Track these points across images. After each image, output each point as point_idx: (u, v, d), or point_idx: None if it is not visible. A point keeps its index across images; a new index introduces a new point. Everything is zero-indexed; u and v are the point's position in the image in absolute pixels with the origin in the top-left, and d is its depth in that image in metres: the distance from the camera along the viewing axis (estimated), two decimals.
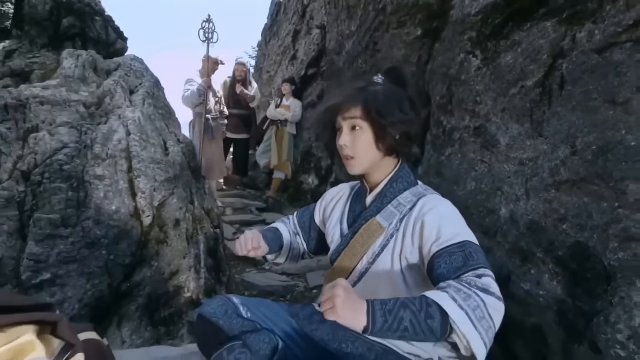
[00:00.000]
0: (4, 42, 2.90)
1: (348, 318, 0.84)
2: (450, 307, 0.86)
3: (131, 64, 3.39)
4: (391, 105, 1.15)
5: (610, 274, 1.54)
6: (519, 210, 2.00)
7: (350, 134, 1.20)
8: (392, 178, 1.24)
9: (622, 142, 1.54)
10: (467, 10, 2.33)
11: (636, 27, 1.53)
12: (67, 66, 2.95)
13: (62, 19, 3.23)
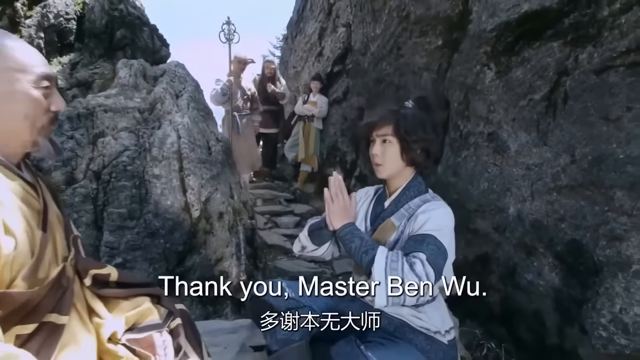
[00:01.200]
0: (70, 55, 3.29)
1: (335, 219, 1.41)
2: (379, 257, 1.26)
3: (175, 70, 3.75)
4: (416, 127, 1.44)
5: (598, 268, 1.79)
6: (525, 209, 2.26)
7: (381, 146, 1.49)
8: (406, 186, 1.53)
9: (613, 154, 1.78)
10: (483, 26, 2.56)
11: (628, 53, 1.75)
12: (122, 75, 3.33)
13: (115, 31, 3.60)
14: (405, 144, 1.45)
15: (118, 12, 3.65)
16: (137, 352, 1.08)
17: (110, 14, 3.60)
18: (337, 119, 5.83)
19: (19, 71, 0.88)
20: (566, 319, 1.94)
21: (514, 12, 2.34)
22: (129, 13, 3.74)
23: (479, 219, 2.64)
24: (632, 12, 1.74)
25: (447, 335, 1.44)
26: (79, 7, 3.42)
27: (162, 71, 3.69)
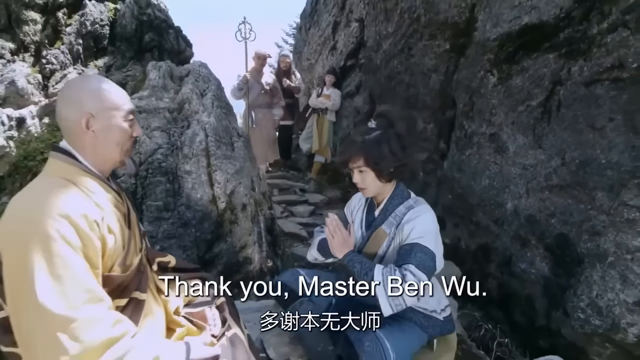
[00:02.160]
0: (104, 59, 3.57)
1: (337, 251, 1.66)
2: (377, 274, 1.53)
3: (199, 70, 4.01)
4: (383, 153, 1.66)
5: (581, 259, 2.04)
6: (521, 205, 2.50)
7: (359, 175, 1.74)
8: (390, 197, 1.77)
9: (596, 159, 2.01)
10: (487, 35, 2.75)
11: (612, 69, 1.96)
12: (152, 77, 3.61)
13: (144, 34, 3.87)
14: (378, 170, 1.69)
15: (146, 17, 3.91)
16: (194, 323, 1.38)
17: (140, 18, 3.86)
18: (350, 112, 6.04)
19: (113, 109, 1.16)
20: (553, 303, 2.20)
21: (515, 24, 2.54)
22: (156, 17, 4.00)
23: (480, 212, 2.89)
24: (617, 33, 1.94)
25: (443, 313, 1.72)
26: (111, 13, 3.69)
27: (187, 71, 3.96)
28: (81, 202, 1.05)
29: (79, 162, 1.14)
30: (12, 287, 0.96)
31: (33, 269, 0.92)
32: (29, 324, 0.93)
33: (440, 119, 3.55)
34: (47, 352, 0.91)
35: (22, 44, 3.19)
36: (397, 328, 1.62)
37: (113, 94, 1.18)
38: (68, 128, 1.14)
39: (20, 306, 0.94)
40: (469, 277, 2.92)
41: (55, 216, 0.96)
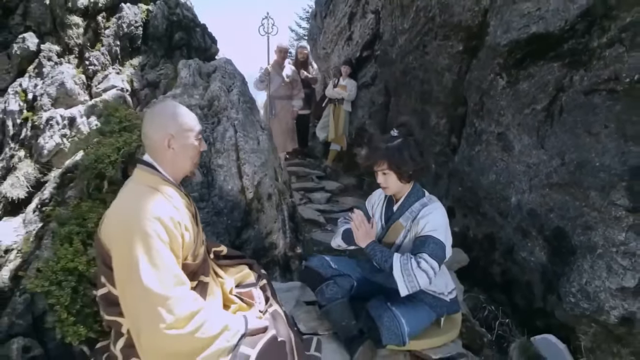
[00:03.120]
0: (139, 58, 3.85)
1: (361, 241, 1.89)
2: (395, 263, 1.81)
3: (225, 66, 4.26)
4: (404, 157, 1.93)
5: (574, 250, 2.30)
6: (524, 200, 2.74)
7: (382, 177, 2.02)
8: (408, 194, 2.05)
9: (591, 162, 2.24)
10: (498, 40, 2.95)
11: (608, 81, 2.17)
12: (183, 75, 3.88)
13: (174, 34, 4.13)
14: (399, 173, 1.97)
15: (176, 17, 4.16)
16: (244, 300, 1.70)
17: (170, 18, 4.12)
18: (366, 102, 6.25)
19: (189, 131, 1.46)
20: (548, 288, 2.47)
21: (524, 32, 2.73)
22: (184, 17, 4.25)
23: (487, 204, 3.14)
24: (614, 48, 2.14)
25: (450, 295, 2.01)
26: (144, 14, 3.95)
27: (214, 68, 4.22)
28: (166, 206, 1.35)
29: (159, 173, 1.44)
30: (121, 273, 1.27)
31: (137, 260, 1.23)
32: (135, 301, 1.25)
33: (453, 115, 3.77)
34: (150, 322, 1.23)
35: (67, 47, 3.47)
36: (410, 307, 1.92)
37: (187, 118, 1.47)
38: (152, 146, 1.43)
39: (129, 288, 1.26)
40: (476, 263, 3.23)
41: (151, 218, 1.27)
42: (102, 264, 1.34)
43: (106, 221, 1.34)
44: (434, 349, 2.03)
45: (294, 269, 3.71)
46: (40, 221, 2.45)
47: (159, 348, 1.24)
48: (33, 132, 3.07)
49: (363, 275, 2.23)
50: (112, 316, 1.38)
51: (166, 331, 1.21)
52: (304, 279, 2.42)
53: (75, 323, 1.68)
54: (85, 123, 3.14)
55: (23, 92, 3.27)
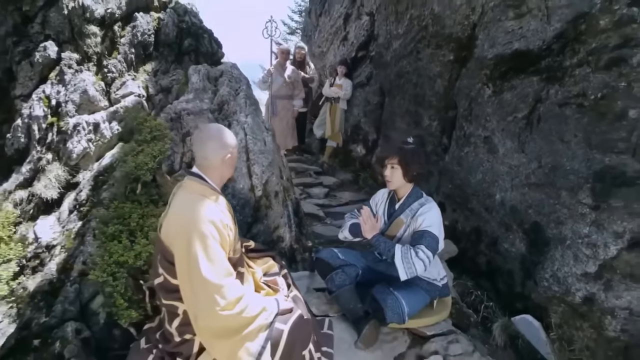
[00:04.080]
0: (151, 64, 4.10)
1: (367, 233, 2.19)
2: (397, 252, 2.15)
3: (231, 71, 4.52)
4: (414, 160, 2.29)
5: (548, 242, 2.66)
6: (507, 197, 3.10)
7: (390, 170, 2.37)
8: (409, 195, 2.40)
9: (563, 166, 2.60)
10: (485, 53, 3.28)
11: (578, 97, 2.52)
12: (194, 81, 4.14)
13: (183, 40, 4.38)
14: (405, 170, 2.32)
15: (185, 24, 4.41)
16: (271, 287, 2.03)
17: (179, 26, 4.36)
18: (361, 101, 6.56)
19: (233, 148, 1.78)
20: (526, 275, 2.84)
21: (508, 48, 3.06)
22: (192, 24, 4.49)
23: (474, 200, 3.50)
24: (582, 68, 2.49)
25: (442, 281, 2.37)
26: (155, 23, 4.20)
27: (221, 72, 4.48)
28: (216, 210, 1.67)
29: (207, 183, 1.75)
30: (183, 267, 1.58)
31: (197, 256, 1.54)
32: (195, 289, 1.56)
33: (444, 118, 4.11)
34: (207, 305, 1.54)
35: (86, 55, 3.71)
36: (409, 290, 2.27)
37: (231, 137, 1.79)
38: (206, 164, 1.75)
39: (190, 279, 1.57)
40: (464, 254, 3.60)
41: (206, 222, 1.58)
42: (163, 259, 1.65)
43: (167, 224, 1.65)
44: (428, 327, 2.39)
45: (299, 259, 4.02)
46: (78, 220, 2.73)
47: (213, 326, 1.56)
48: (60, 137, 3.33)
49: (367, 264, 2.57)
50: (169, 301, 1.69)
51: (220, 312, 1.53)
52: (315, 268, 2.75)
53: (127, 308, 1.99)
54: (108, 128, 3.40)
55: (46, 98, 3.50)
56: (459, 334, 2.43)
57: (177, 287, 1.63)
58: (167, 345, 1.71)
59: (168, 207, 1.78)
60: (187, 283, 1.58)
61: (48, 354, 2.14)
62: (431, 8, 4.12)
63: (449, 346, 2.25)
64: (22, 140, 3.52)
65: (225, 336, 1.56)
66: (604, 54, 2.35)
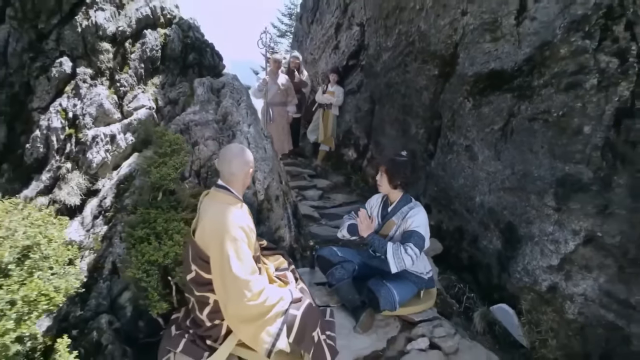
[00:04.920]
0: (159, 77, 4.40)
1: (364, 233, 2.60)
2: (389, 249, 2.52)
3: (232, 82, 4.83)
4: (399, 171, 2.67)
5: (519, 239, 3.05)
6: (485, 200, 3.48)
7: (379, 175, 2.75)
8: (399, 200, 2.78)
9: (532, 173, 2.98)
10: (465, 71, 3.66)
11: (544, 113, 2.91)
12: (199, 93, 4.44)
13: (188, 54, 4.68)
14: (390, 179, 2.71)
15: (189, 39, 4.71)
16: (282, 280, 2.37)
17: (184, 41, 4.66)
18: (352, 108, 6.92)
19: (252, 162, 2.12)
20: (502, 269, 3.23)
21: (485, 67, 3.45)
22: (196, 39, 4.79)
23: (457, 202, 3.88)
24: (547, 89, 2.88)
25: (427, 275, 2.74)
26: (162, 38, 4.50)
27: (222, 84, 4.79)
28: (243, 217, 2.01)
29: (232, 193, 2.08)
30: (217, 266, 1.91)
31: (229, 257, 1.87)
32: (226, 283, 1.89)
33: (430, 127, 4.48)
34: (237, 297, 1.88)
35: (99, 70, 3.99)
36: (399, 282, 2.63)
37: (251, 155, 2.13)
38: (233, 177, 2.09)
39: (222, 275, 1.90)
40: (448, 251, 3.99)
41: (236, 227, 1.92)
42: (197, 258, 1.98)
43: (202, 229, 1.98)
44: (416, 314, 2.76)
45: (298, 258, 4.35)
46: (104, 224, 3.03)
47: (241, 314, 1.90)
48: (79, 148, 3.61)
49: (362, 260, 2.93)
50: (201, 292, 2.02)
51: (247, 303, 1.87)
52: (317, 264, 3.10)
53: (159, 300, 2.31)
54: (123, 139, 3.70)
55: (63, 110, 3.78)
56: (443, 320, 2.80)
57: (208, 280, 1.96)
58: (199, 329, 2.04)
59: (198, 214, 2.10)
60: (219, 278, 1.91)
61: (87, 342, 2.44)
62: (418, 25, 4.50)
63: (434, 330, 2.62)
64: (41, 150, 3.80)
65: (250, 321, 1.90)
66: (564, 78, 2.74)
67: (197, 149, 3.98)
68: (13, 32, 3.96)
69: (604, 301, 2.47)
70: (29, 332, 1.43)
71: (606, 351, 2.45)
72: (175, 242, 2.48)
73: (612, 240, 2.44)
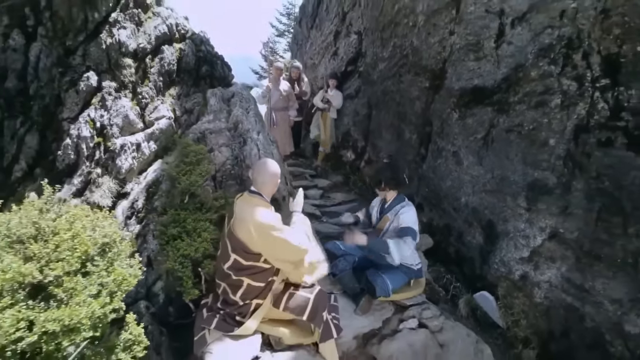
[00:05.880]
0: (175, 89, 4.82)
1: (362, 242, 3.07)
2: (391, 244, 2.99)
3: (241, 92, 5.27)
4: (392, 176, 3.13)
5: (498, 235, 3.52)
6: (469, 200, 3.95)
7: None
8: (393, 200, 3.24)
9: (509, 177, 3.45)
10: (452, 85, 4.11)
11: (518, 126, 3.36)
12: (212, 103, 4.87)
13: (201, 67, 5.10)
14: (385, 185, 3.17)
15: (202, 53, 5.12)
16: None
17: (197, 55, 5.07)
18: (350, 112, 7.36)
19: (279, 174, 2.56)
20: (484, 261, 3.70)
21: (469, 83, 3.90)
22: (208, 52, 5.21)
23: (445, 202, 4.34)
24: (521, 105, 3.33)
25: (417, 266, 3.20)
26: (177, 53, 4.93)
27: (232, 93, 5.22)
28: (277, 216, 2.47)
29: (263, 197, 2.54)
30: (269, 248, 2.39)
31: (283, 237, 2.38)
32: (289, 254, 2.43)
33: (422, 132, 4.93)
34: (300, 255, 2.41)
35: (123, 84, 4.41)
36: (392, 273, 3.10)
37: (279, 169, 2.58)
38: (264, 185, 2.56)
39: (284, 251, 2.42)
40: (438, 245, 4.46)
41: (274, 220, 2.40)
42: (239, 249, 2.42)
43: (243, 226, 2.41)
44: (407, 299, 3.22)
45: None
46: (137, 224, 3.47)
47: (302, 271, 2.45)
48: (108, 155, 4.04)
49: (362, 254, 3.38)
50: (238, 277, 2.47)
51: (303, 257, 2.49)
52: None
53: (192, 287, 2.76)
54: (146, 147, 4.14)
55: (92, 121, 4.20)
56: (430, 304, 3.27)
57: (246, 266, 2.42)
58: (230, 308, 2.49)
59: (235, 214, 2.55)
60: (281, 254, 2.45)
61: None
62: (411, 40, 4.94)
63: (422, 312, 3.09)
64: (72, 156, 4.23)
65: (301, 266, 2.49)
66: (534, 97, 3.20)
67: (212, 155, 4.42)
68: (44, 49, 4.38)
69: (565, 287, 2.94)
70: (118, 306, 1.87)
71: (565, 328, 2.93)
72: (203, 238, 2.93)
73: (571, 236, 2.92)
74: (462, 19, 3.98)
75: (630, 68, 2.58)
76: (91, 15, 4.52)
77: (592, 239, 2.79)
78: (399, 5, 5.17)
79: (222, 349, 2.41)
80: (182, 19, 5.29)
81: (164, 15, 4.97)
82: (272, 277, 2.50)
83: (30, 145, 4.23)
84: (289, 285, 2.64)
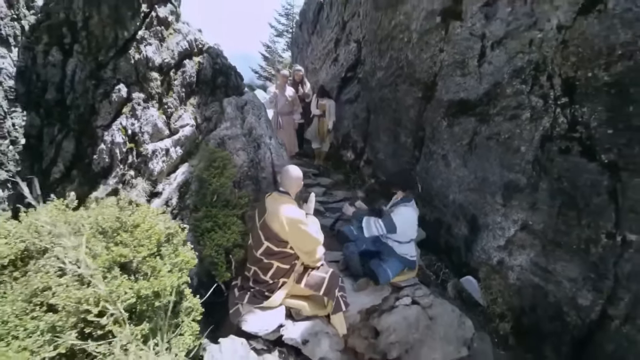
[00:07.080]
0: (195, 98, 5.38)
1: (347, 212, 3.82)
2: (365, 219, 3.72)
3: (253, 100, 5.83)
4: (400, 181, 3.72)
5: (480, 227, 4.13)
6: (456, 198, 4.55)
7: None
8: (400, 199, 3.82)
9: (488, 179, 4.05)
10: (441, 97, 4.70)
11: (497, 135, 3.95)
12: (229, 111, 5.43)
13: (217, 78, 5.65)
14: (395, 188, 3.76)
15: (218, 65, 5.67)
16: None
17: (214, 67, 5.62)
18: (350, 115, 7.93)
19: (302, 178, 3.17)
20: (469, 250, 4.31)
21: (456, 96, 4.49)
22: (223, 64, 5.75)
23: (436, 199, 4.94)
24: (498, 117, 3.92)
25: (412, 258, 3.82)
26: (196, 66, 5.49)
27: (245, 102, 5.78)
28: (301, 210, 3.06)
29: (290, 196, 3.13)
30: (296, 238, 2.99)
31: (307, 230, 2.99)
32: (310, 244, 3.03)
33: (416, 137, 5.52)
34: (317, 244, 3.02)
35: (150, 95, 4.96)
36: (392, 261, 3.70)
37: (301, 174, 3.18)
38: (290, 187, 3.14)
39: (305, 242, 3.02)
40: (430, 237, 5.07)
41: (300, 215, 2.98)
42: (272, 238, 3.01)
43: (275, 219, 2.99)
44: (402, 281, 3.82)
45: None
46: (171, 219, 4.05)
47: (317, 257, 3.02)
48: (141, 159, 4.61)
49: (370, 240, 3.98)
50: (269, 260, 3.06)
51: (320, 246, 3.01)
52: (337, 237, 4.15)
53: (225, 271, 3.35)
54: (174, 152, 4.71)
55: (124, 128, 4.76)
56: (422, 285, 3.88)
57: (276, 252, 3.01)
58: (261, 286, 3.09)
59: (267, 209, 3.12)
60: (302, 244, 3.03)
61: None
62: (406, 54, 5.52)
63: (415, 292, 3.70)
64: (106, 160, 4.79)
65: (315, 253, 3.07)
66: (509, 111, 3.79)
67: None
68: (79, 64, 4.93)
69: (533, 269, 3.56)
70: (186, 280, 2.46)
71: (533, 304, 3.55)
72: (232, 231, 3.52)
73: (538, 227, 3.52)
74: (450, 39, 4.56)
75: (583, 90, 3.17)
76: (121, 33, 5.07)
77: (555, 229, 3.39)
78: (395, 21, 5.74)
79: (254, 318, 3.01)
80: (198, 34, 5.84)
81: (184, 32, 5.53)
82: (295, 260, 3.10)
83: (67, 149, 4.79)
84: (307, 268, 3.23)
